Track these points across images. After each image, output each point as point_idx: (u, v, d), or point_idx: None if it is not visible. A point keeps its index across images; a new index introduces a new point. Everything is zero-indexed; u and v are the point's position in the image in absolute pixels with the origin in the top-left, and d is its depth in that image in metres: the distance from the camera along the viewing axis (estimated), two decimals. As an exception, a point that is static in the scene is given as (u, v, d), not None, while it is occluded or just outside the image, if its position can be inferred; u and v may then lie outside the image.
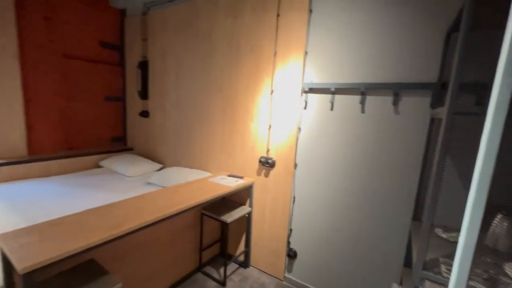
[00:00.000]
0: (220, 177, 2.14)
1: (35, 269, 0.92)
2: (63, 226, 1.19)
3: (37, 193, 1.98)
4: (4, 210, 1.66)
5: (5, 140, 2.29)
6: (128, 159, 2.77)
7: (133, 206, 1.48)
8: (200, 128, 2.49)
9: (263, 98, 2.06)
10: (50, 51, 2.52)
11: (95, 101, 2.95)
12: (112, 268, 1.48)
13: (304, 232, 1.98)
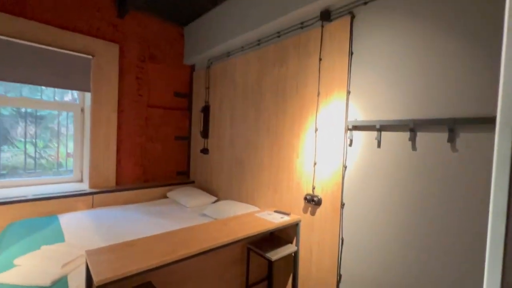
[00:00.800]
0: (267, 213, 2.20)
1: (106, 283, 1.13)
2: (133, 248, 1.43)
3: (118, 217, 2.41)
4: (94, 229, 2.07)
5: (103, 173, 2.91)
6: (189, 192, 3.11)
7: (187, 235, 1.66)
8: (250, 165, 2.67)
9: (308, 136, 2.13)
10: (138, 103, 3.21)
11: (167, 140, 3.51)
12: (166, 292, 1.65)
13: (356, 278, 1.80)
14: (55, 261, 1.47)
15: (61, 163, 3.04)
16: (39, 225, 2.12)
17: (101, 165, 2.90)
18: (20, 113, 2.81)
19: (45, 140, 2.95)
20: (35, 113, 2.85)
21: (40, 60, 2.51)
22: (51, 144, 2.98)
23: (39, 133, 2.91)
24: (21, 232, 1.98)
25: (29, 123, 2.88)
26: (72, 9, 2.68)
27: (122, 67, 3.05)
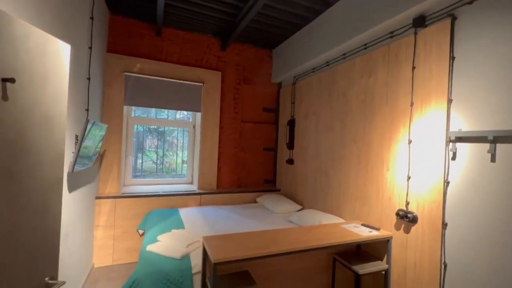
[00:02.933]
0: (353, 225, 2.19)
1: (219, 262, 1.46)
2: (234, 239, 1.75)
3: (219, 214, 2.88)
4: (203, 222, 2.58)
5: (207, 178, 3.54)
6: (276, 199, 3.37)
7: (277, 236, 1.88)
8: (335, 176, 2.70)
9: (400, 148, 2.02)
10: (234, 119, 3.77)
11: (257, 151, 3.93)
12: (258, 283, 1.89)
13: (464, 314, 1.57)
14: (182, 242, 1.96)
15: (175, 168, 3.88)
16: (167, 214, 2.80)
17: (207, 171, 3.54)
18: (149, 129, 3.81)
19: (164, 150, 3.86)
20: (157, 129, 3.80)
21: (167, 89, 3.36)
22: (168, 153, 3.88)
23: (160, 144, 3.84)
24: (156, 218, 2.67)
25: (154, 137, 3.86)
26: (191, 50, 3.48)
27: (223, 90, 3.67)
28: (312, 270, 2.10)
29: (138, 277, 1.64)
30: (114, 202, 2.93)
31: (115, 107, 3.04)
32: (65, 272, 1.92)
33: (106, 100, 2.99)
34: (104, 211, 2.89)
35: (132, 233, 2.99)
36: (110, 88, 3.02)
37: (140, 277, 1.64)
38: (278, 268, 1.97)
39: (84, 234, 2.42)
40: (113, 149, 3.03)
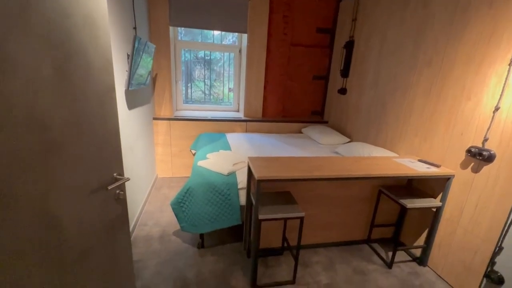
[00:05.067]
0: (408, 160, 2.00)
1: (262, 180, 1.51)
2: (278, 162, 1.77)
3: (264, 141, 2.94)
4: (248, 146, 2.67)
5: (253, 106, 3.50)
6: (323, 130, 3.24)
7: (323, 162, 1.84)
8: (394, 107, 2.38)
9: (494, 71, 1.59)
10: (283, 41, 3.40)
11: (305, 79, 3.63)
12: (299, 204, 1.99)
13: (525, 259, 1.43)
14: (229, 161, 2.08)
15: (222, 98, 3.90)
16: (215, 137, 2.96)
17: (253, 99, 3.48)
18: (197, 59, 3.73)
19: (212, 80, 3.82)
20: (205, 59, 3.70)
21: (211, 8, 3.08)
22: (215, 83, 3.85)
23: (208, 74, 3.78)
24: (206, 140, 2.86)
25: (201, 67, 3.79)
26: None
27: (272, 7, 3.22)
28: (354, 199, 2.10)
29: (191, 186, 1.85)
30: (169, 124, 3.19)
31: (161, 28, 2.96)
32: (135, 178, 2.28)
33: (152, 22, 2.92)
34: (161, 131, 3.19)
35: (186, 152, 3.32)
36: (155, 8, 2.89)
37: (193, 185, 1.85)
38: (319, 193, 2.00)
39: (146, 149, 2.76)
40: (163, 73, 3.11)
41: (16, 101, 0.66)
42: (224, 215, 1.89)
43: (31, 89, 0.70)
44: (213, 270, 1.83)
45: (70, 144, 0.85)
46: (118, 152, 1.11)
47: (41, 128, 0.74)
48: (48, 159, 0.77)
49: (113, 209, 1.10)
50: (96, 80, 0.94)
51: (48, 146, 0.77)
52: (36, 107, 0.72)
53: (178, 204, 1.87)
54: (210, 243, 2.10)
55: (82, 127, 0.90)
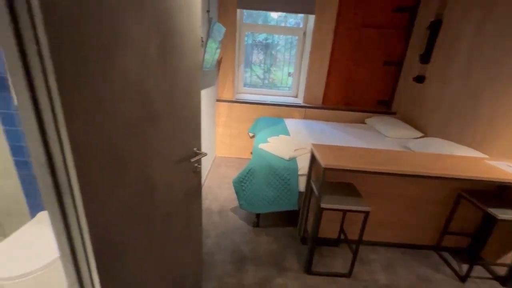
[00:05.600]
0: (505, 164, 1.68)
1: (329, 168, 1.46)
2: (344, 151, 1.68)
3: (323, 129, 2.83)
4: (307, 133, 2.61)
5: (314, 92, 3.37)
6: (390, 122, 2.95)
7: (393, 156, 1.68)
8: (490, 99, 2.00)
9: None
10: (353, 23, 3.13)
11: (374, 65, 3.31)
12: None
13: None
14: (290, 146, 2.07)
15: (279, 83, 3.84)
16: (273, 122, 2.97)
17: (313, 85, 3.34)
18: (255, 43, 3.71)
19: (269, 65, 3.77)
20: (263, 43, 3.65)
21: (282, -12, 2.99)
22: (272, 69, 3.80)
23: (265, 59, 3.74)
24: (264, 124, 2.89)
25: (259, 51, 3.76)
26: None
27: (345, -17, 2.97)
28: (426, 201, 1.89)
29: (253, 167, 1.91)
30: (230, 106, 3.31)
31: (229, 11, 3.01)
32: (199, 153, 2.46)
33: (221, 5, 2.99)
34: (223, 113, 3.34)
35: (244, 134, 3.42)
36: (225, -10, 2.94)
37: (255, 167, 1.90)
38: (385, 188, 1.85)
39: (209, 129, 2.93)
40: (228, 55, 3.20)
41: (132, 75, 0.75)
42: (282, 199, 1.91)
43: (142, 65, 0.78)
44: (268, 249, 1.89)
45: (166, 116, 0.94)
46: (198, 128, 1.19)
47: (147, 101, 0.83)
48: (150, 129, 0.87)
49: (191, 180, 1.21)
50: (187, 58, 1.01)
51: (151, 117, 0.86)
52: (145, 82, 0.80)
53: (239, 183, 1.95)
54: (264, 223, 2.17)
55: (174, 102, 0.98)
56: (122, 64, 0.71)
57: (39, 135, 0.64)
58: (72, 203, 0.71)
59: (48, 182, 0.68)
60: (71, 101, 0.61)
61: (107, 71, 0.68)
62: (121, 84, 0.72)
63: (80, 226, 0.73)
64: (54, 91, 0.59)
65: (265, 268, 1.73)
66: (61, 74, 0.58)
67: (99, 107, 0.69)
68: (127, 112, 0.77)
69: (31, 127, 0.63)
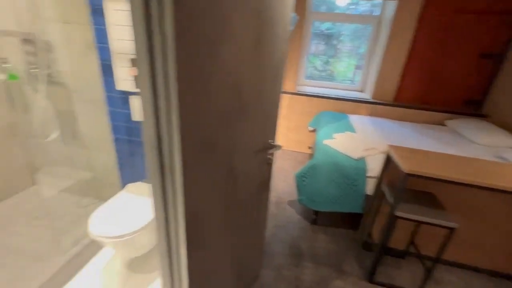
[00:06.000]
0: None
1: (412, 174, 1.31)
2: (426, 156, 1.49)
3: (394, 129, 2.57)
4: (375, 132, 2.40)
5: (385, 86, 3.06)
6: (480, 126, 2.51)
7: (487, 167, 1.42)
8: None
9: None
10: (444, 8, 2.69)
11: (466, 58, 2.82)
12: (441, 210, 1.65)
13: None
14: (359, 144, 1.94)
15: (337, 74, 3.59)
16: (337, 117, 2.81)
17: (386, 79, 3.04)
18: (316, 33, 3.50)
19: (330, 56, 3.54)
20: (324, 33, 3.41)
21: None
22: (331, 60, 3.56)
23: (326, 50, 3.51)
24: (328, 118, 2.76)
25: (318, 41, 3.54)
26: None
27: (439, -39, 2.55)
28: (528, 224, 1.56)
29: (317, 163, 1.85)
30: (291, 98, 3.25)
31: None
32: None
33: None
34: (283, 105, 3.31)
35: (302, 128, 3.34)
36: (298, -24, 2.83)
37: (319, 163, 1.84)
38: (474, 203, 1.59)
39: (270, 119, 2.94)
40: (294, 46, 3.11)
41: (231, 67, 0.77)
42: (345, 200, 1.81)
43: (239, 57, 0.80)
44: (326, 249, 1.84)
45: (252, 108, 0.95)
46: (276, 121, 1.19)
47: (240, 93, 0.85)
48: (239, 120, 0.89)
49: (264, 171, 1.22)
50: (277, 50, 1.00)
51: (241, 109, 0.88)
52: (240, 73, 0.82)
53: (301, 177, 1.92)
54: (322, 221, 2.11)
55: (261, 93, 0.98)
56: (224, 56, 0.73)
57: (154, 120, 0.71)
58: (171, 181, 0.77)
59: (155, 162, 0.76)
60: (183, 91, 0.66)
61: (213, 63, 0.71)
62: (222, 76, 0.75)
63: (175, 201, 0.80)
64: (172, 80, 0.64)
65: (324, 267, 1.68)
66: (179, 64, 0.62)
67: (203, 97, 0.73)
68: (223, 104, 0.80)
69: (149, 112, 0.70)
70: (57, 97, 1.65)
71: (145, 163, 0.76)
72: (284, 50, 1.06)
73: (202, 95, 0.72)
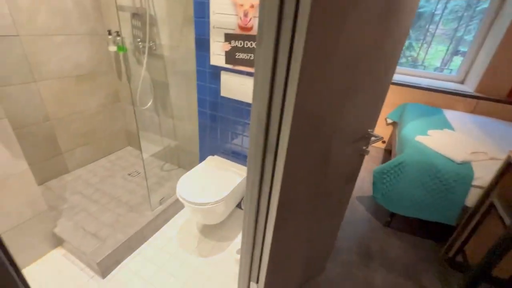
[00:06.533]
0: None
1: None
2: None
3: (505, 131, 2.07)
4: (480, 133, 1.97)
5: (496, 80, 2.45)
6: None
7: None
8: None
9: None
10: None
11: None
12: None
13: None
14: (464, 146, 1.63)
15: (422, 61, 3.01)
16: (428, 111, 2.42)
17: (500, 70, 2.44)
18: None
19: (413, 39, 2.97)
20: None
21: None
22: (414, 43, 2.99)
23: (412, 31, 2.94)
24: (416, 112, 2.40)
25: None
26: None
27: None
28: None
29: (405, 160, 1.63)
30: (370, 85, 2.93)
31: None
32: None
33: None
34: (360, 92, 3.01)
35: (380, 119, 3.01)
36: None
37: (408, 161, 1.62)
38: None
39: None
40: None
41: (354, 40, 0.68)
42: (436, 208, 1.57)
43: (365, 29, 0.69)
44: (401, 256, 1.66)
45: (362, 90, 0.84)
46: (380, 107, 1.05)
47: (356, 72, 0.75)
48: (345, 102, 0.80)
49: (354, 162, 1.12)
50: (401, 23, 0.85)
51: (351, 89, 0.78)
52: (360, 48, 0.72)
53: (381, 173, 1.73)
54: (397, 225, 1.90)
55: (373, 75, 0.86)
56: (350, 26, 0.64)
57: (267, 96, 0.67)
58: (272, 162, 0.75)
59: (260, 140, 0.73)
60: (305, 66, 0.59)
61: (339, 34, 0.62)
62: (344, 50, 0.66)
63: (272, 181, 0.77)
64: (297, 52, 0.58)
65: (397, 276, 1.52)
66: (309, 35, 0.55)
67: (323, 74, 0.66)
68: (338, 82, 0.72)
69: (263, 86, 0.66)
70: (155, 69, 1.80)
71: (249, 141, 0.75)
72: (407, 25, 0.89)
73: (322, 71, 0.65)
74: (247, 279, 1.06)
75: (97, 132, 2.11)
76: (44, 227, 1.42)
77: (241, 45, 1.33)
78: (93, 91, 1.97)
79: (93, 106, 2.01)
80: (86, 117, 1.99)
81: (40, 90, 1.65)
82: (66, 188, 1.84)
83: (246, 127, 1.58)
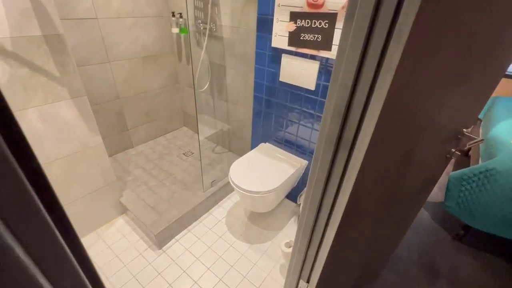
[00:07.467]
0: None
1: None
2: None
3: None
4: None
5: None
6: None
7: None
8: None
9: None
10: None
11: None
12: None
13: None
14: None
15: None
16: (528, 108, 1.95)
17: None
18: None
19: None
20: None
21: None
22: None
23: None
24: (510, 107, 1.96)
25: None
26: None
27: None
28: None
29: (496, 168, 1.34)
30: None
31: None
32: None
33: None
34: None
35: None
36: None
37: (500, 168, 1.32)
38: None
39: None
40: None
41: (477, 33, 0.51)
42: (534, 228, 1.27)
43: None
44: (473, 277, 1.42)
45: (468, 78, 0.67)
46: (485, 101, 0.84)
47: (466, 52, 0.59)
48: (448, 91, 0.64)
49: (437, 166, 0.94)
50: None
51: (458, 77, 0.62)
52: (475, 22, 0.55)
53: (459, 179, 1.47)
54: (472, 241, 1.62)
55: (482, 68, 0.68)
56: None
57: (351, 83, 0.56)
58: (345, 159, 0.65)
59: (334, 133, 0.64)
60: (408, 51, 0.47)
61: (458, 11, 0.47)
62: (458, 31, 0.51)
63: (343, 180, 0.68)
64: (401, 34, 0.46)
65: (469, 300, 1.31)
66: (420, 12, 0.42)
67: (428, 61, 0.52)
68: (443, 73, 0.57)
69: (347, 71, 0.55)
70: (213, 51, 1.79)
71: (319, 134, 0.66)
72: None
73: (428, 57, 0.52)
74: (297, 277, 1.01)
75: (158, 111, 2.24)
76: (113, 196, 1.58)
77: (308, 25, 1.20)
78: (156, 72, 2.07)
79: (156, 87, 2.12)
80: (150, 97, 2.12)
81: (112, 70, 1.80)
82: (130, 162, 2.02)
83: (303, 115, 1.47)
